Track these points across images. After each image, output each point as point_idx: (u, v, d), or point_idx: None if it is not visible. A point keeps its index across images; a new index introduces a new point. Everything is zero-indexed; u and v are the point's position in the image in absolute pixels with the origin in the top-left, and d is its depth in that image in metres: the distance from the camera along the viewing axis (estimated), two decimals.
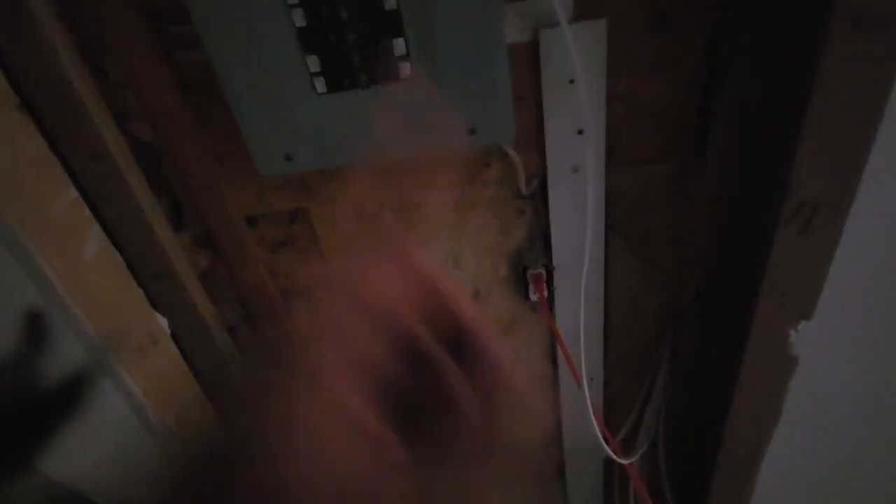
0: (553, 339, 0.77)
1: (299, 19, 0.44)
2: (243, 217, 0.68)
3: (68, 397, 0.39)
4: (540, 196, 0.64)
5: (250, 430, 0.20)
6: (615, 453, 0.60)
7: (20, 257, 0.44)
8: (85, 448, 0.53)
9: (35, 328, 0.36)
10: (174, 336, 0.69)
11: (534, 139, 0.59)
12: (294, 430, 0.19)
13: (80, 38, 0.54)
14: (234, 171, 0.64)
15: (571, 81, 0.53)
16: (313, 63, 0.46)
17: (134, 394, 0.55)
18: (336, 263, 0.26)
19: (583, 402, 0.79)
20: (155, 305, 0.66)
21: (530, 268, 0.66)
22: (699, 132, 0.57)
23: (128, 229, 0.61)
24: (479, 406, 0.21)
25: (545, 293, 0.65)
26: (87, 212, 0.50)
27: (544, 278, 0.65)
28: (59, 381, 0.38)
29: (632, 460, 0.66)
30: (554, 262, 0.66)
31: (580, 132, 0.56)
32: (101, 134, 0.56)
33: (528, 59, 0.53)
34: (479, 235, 0.68)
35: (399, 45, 0.45)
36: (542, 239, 0.68)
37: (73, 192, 0.49)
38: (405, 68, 0.46)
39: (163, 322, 0.60)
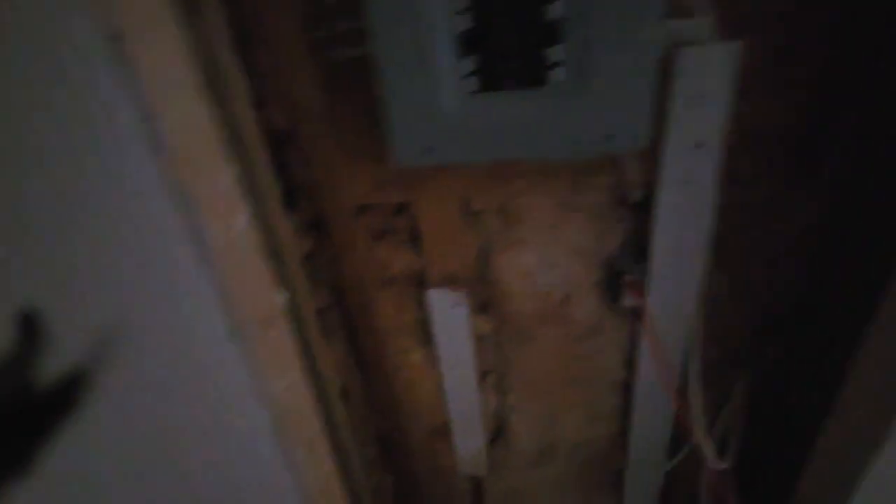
0: (631, 345, 0.79)
1: (465, 23, 0.48)
2: (356, 206, 0.71)
3: (65, 398, 0.39)
4: (641, 205, 0.67)
5: None
6: (708, 459, 0.61)
7: (191, 225, 0.48)
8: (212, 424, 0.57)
9: (30, 328, 0.36)
10: None
11: (648, 150, 0.61)
12: None
13: (238, 30, 0.58)
14: (355, 162, 0.67)
15: (699, 98, 0.55)
16: (470, 64, 0.50)
17: (256, 364, 0.59)
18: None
19: (663, 407, 0.81)
20: None
21: (626, 274, 0.68)
22: (808, 155, 0.59)
23: (254, 208, 0.65)
24: None
25: (645, 299, 0.67)
26: (240, 189, 0.54)
27: (643, 285, 0.67)
28: (56, 381, 0.38)
29: (725, 465, 0.67)
30: (651, 272, 0.68)
31: (699, 146, 0.58)
32: (241, 120, 0.60)
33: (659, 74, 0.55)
34: (576, 239, 0.71)
35: (555, 52, 0.48)
36: (636, 247, 0.70)
37: (234, 170, 0.53)
38: (556, 75, 0.49)
39: (282, 297, 0.63)
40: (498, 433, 0.96)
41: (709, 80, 0.54)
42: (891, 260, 0.50)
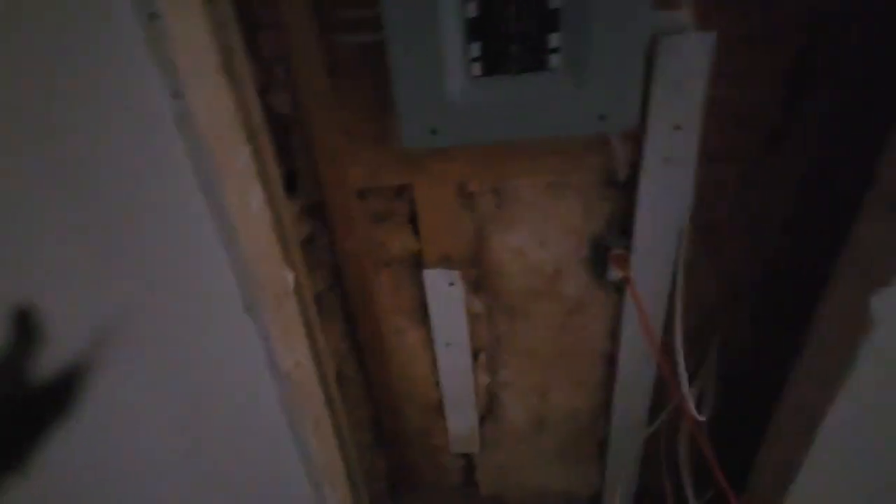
0: (616, 318, 0.84)
1: (472, 10, 0.51)
2: (357, 190, 0.74)
3: (59, 396, 0.39)
4: (625, 184, 0.72)
5: None
6: (690, 412, 0.67)
7: (214, 200, 0.50)
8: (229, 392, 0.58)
9: (25, 325, 0.35)
10: None
11: (633, 131, 0.66)
12: None
13: (245, 15, 0.60)
14: (357, 146, 0.70)
15: (678, 83, 0.61)
16: (475, 49, 0.54)
17: (272, 339, 0.61)
18: None
19: (645, 376, 0.87)
20: None
21: (612, 249, 0.74)
22: (777, 133, 0.66)
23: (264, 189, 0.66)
24: None
25: (630, 272, 0.72)
26: (254, 168, 0.56)
27: (628, 258, 0.73)
28: (50, 379, 0.37)
29: (705, 418, 0.74)
30: (634, 246, 0.73)
31: (677, 128, 0.64)
32: (249, 103, 0.62)
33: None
34: (565, 217, 0.75)
35: (554, 39, 0.52)
36: (620, 224, 0.76)
37: (249, 149, 0.55)
38: (554, 60, 0.54)
39: (289, 276, 0.65)
40: (489, 410, 1.00)
41: (687, 66, 0.59)
42: (846, 234, 0.57)
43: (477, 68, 0.55)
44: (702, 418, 0.69)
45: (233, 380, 0.59)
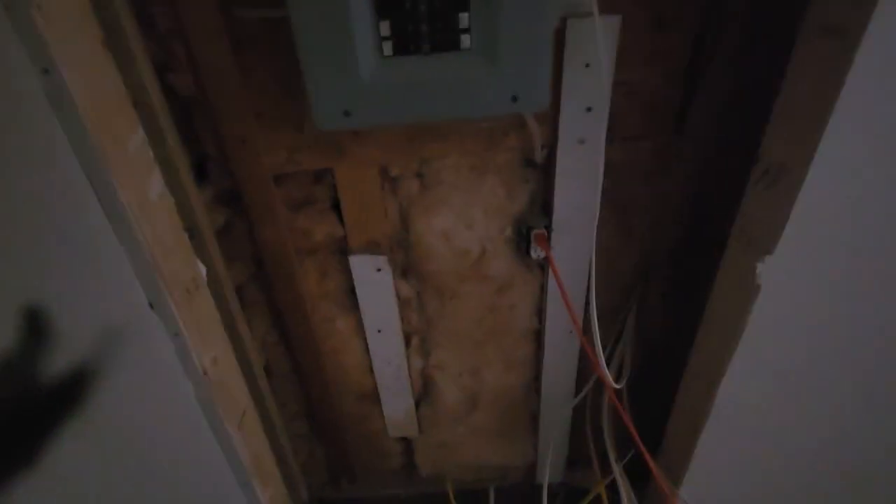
0: (541, 296, 0.87)
1: None
2: (272, 175, 0.71)
3: (68, 396, 0.39)
4: (543, 165, 0.74)
5: None
6: (608, 381, 0.71)
7: (102, 188, 0.46)
8: (136, 391, 0.55)
9: (35, 325, 0.36)
10: None
11: (548, 113, 0.68)
12: None
13: None
14: (270, 129, 0.67)
15: (587, 65, 0.63)
16: (385, 28, 0.52)
17: (182, 335, 0.57)
18: None
19: (570, 350, 0.90)
20: None
21: (534, 228, 0.76)
22: (680, 114, 0.69)
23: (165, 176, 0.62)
24: None
25: (551, 250, 0.75)
26: (151, 154, 0.52)
27: (547, 237, 0.75)
28: (60, 378, 0.38)
29: (621, 385, 0.78)
30: (554, 225, 0.76)
31: (589, 109, 0.66)
32: (144, 83, 0.58)
33: (554, 43, 0.62)
34: (489, 199, 0.76)
35: (464, 18, 0.52)
36: (541, 204, 0.78)
37: (142, 133, 0.51)
38: (465, 41, 0.53)
39: (202, 269, 0.62)
40: (425, 393, 1.01)
41: (594, 49, 0.61)
42: (734, 215, 0.62)
43: (388, 47, 0.53)
44: (618, 386, 0.73)
45: (142, 381, 0.55)
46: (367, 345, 0.92)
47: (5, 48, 0.38)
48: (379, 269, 0.81)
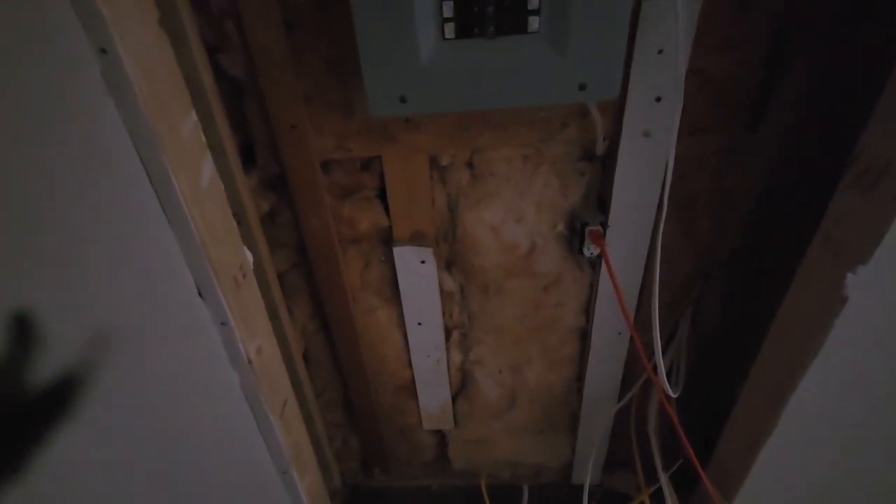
0: (589, 294, 0.83)
1: None
2: (320, 161, 0.69)
3: (56, 403, 0.38)
4: (601, 158, 0.70)
5: None
6: (665, 389, 0.67)
7: (157, 173, 0.45)
8: (181, 381, 0.54)
9: (23, 331, 0.35)
10: None
11: (612, 103, 0.64)
12: None
13: None
14: (320, 114, 0.65)
15: (660, 52, 0.58)
16: (448, 9, 0.49)
17: (229, 323, 0.56)
18: None
19: (618, 352, 0.87)
20: None
21: (588, 224, 0.72)
22: (756, 108, 0.64)
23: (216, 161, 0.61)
24: None
25: (606, 247, 0.71)
26: (203, 138, 0.50)
27: (603, 234, 0.71)
28: (48, 385, 0.37)
29: (677, 394, 0.74)
30: (610, 221, 0.72)
31: (658, 99, 0.62)
32: (197, 64, 0.56)
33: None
34: (541, 192, 0.73)
35: (533, 0, 0.48)
36: (596, 199, 0.74)
37: (195, 116, 0.49)
38: (534, 23, 0.50)
39: (249, 256, 0.61)
40: (462, 387, 0.99)
41: (671, 33, 0.56)
42: (818, 219, 0.57)
43: (450, 29, 0.50)
44: (674, 395, 0.69)
45: (189, 370, 0.55)
46: (406, 337, 0.90)
47: (63, 25, 0.36)
48: (423, 261, 0.79)
